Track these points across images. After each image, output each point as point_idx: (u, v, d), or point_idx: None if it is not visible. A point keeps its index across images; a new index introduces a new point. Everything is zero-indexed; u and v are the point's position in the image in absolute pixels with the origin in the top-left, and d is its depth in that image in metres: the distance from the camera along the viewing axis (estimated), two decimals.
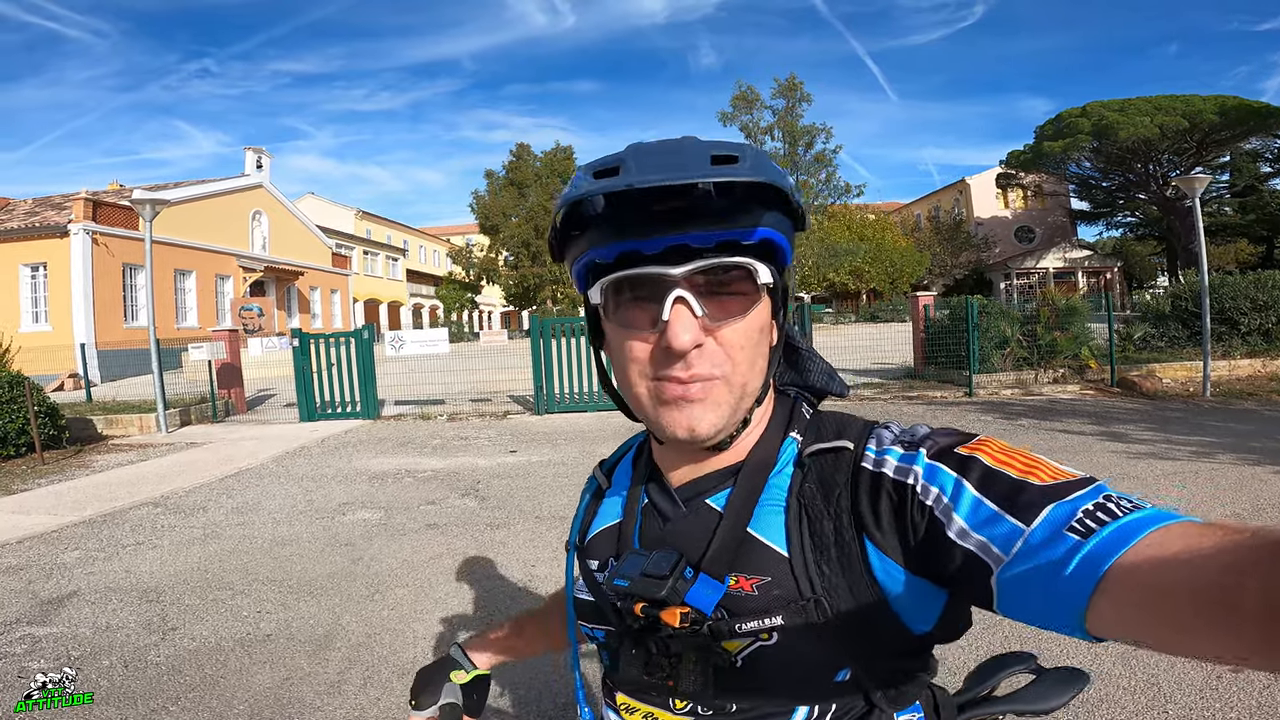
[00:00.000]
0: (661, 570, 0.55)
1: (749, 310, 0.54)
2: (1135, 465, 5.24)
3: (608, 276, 0.54)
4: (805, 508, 0.55)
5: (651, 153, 0.51)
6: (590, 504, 0.73)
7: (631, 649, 0.56)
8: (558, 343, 9.68)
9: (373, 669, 2.63)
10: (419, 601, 3.27)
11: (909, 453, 0.53)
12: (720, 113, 35.06)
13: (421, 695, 0.84)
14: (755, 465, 0.58)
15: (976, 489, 0.47)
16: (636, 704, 0.62)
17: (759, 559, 0.54)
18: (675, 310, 0.51)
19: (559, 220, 0.54)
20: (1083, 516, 0.40)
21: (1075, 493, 0.43)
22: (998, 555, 0.43)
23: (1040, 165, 30.68)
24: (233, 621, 3.11)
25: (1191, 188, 8.67)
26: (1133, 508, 0.41)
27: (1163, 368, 9.68)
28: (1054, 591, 0.39)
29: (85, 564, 4.02)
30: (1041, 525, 0.42)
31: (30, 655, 2.83)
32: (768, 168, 0.51)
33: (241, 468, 6.73)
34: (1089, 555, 0.38)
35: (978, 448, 0.50)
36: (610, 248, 0.52)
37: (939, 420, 7.71)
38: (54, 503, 5.53)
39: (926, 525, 0.48)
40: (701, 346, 0.53)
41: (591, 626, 0.64)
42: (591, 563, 0.66)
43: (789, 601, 0.52)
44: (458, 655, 0.88)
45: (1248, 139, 26.80)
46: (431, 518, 4.72)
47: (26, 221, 16.31)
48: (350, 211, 36.83)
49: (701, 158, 0.49)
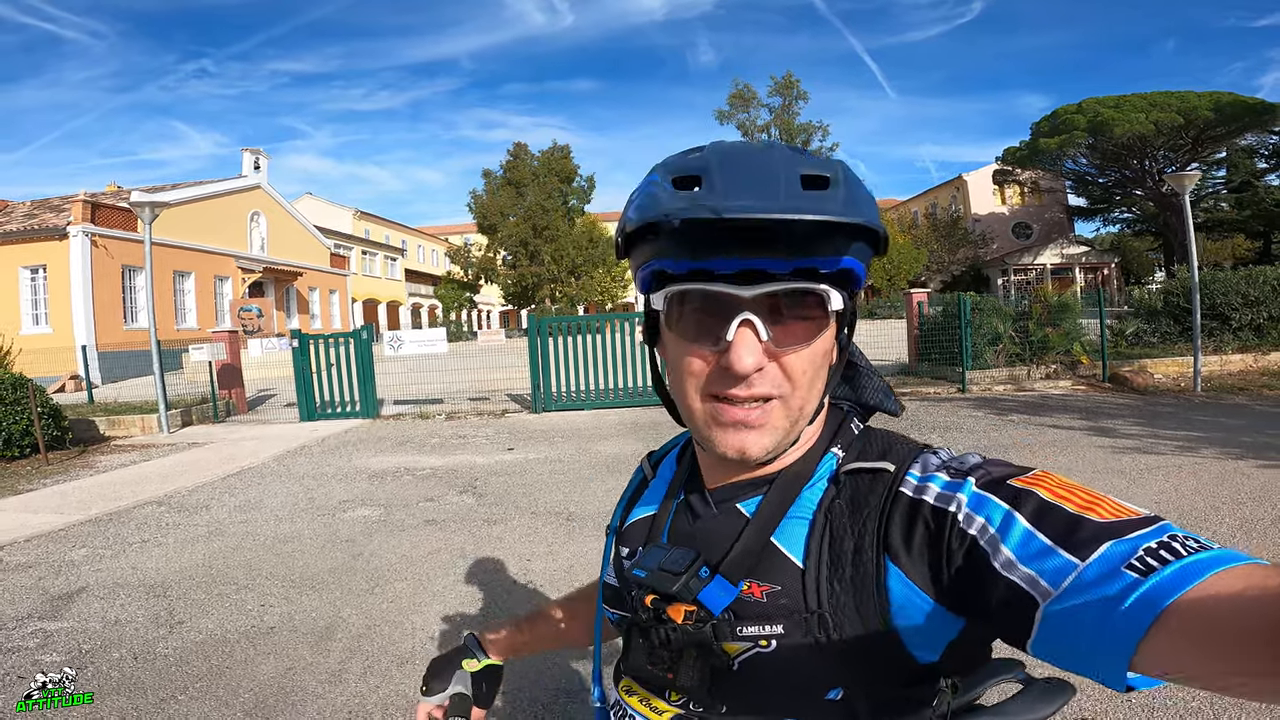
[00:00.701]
0: (678, 566, 0.56)
1: (816, 336, 0.53)
2: (1120, 460, 5.32)
3: (674, 287, 0.53)
4: (831, 524, 0.54)
5: (737, 165, 0.49)
6: (634, 493, 0.74)
7: (639, 638, 0.58)
8: (555, 341, 9.74)
9: (372, 659, 2.73)
10: (417, 595, 3.37)
11: (954, 480, 0.51)
12: (717, 111, 35.25)
13: (433, 682, 0.85)
14: (791, 476, 0.58)
15: (1029, 521, 0.44)
16: (638, 689, 0.64)
17: (775, 568, 0.54)
18: (740, 333, 0.50)
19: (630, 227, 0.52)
20: (1144, 555, 0.39)
21: (1136, 531, 0.41)
22: (1045, 589, 0.41)
23: (1037, 162, 30.72)
24: (237, 615, 3.21)
25: (1181, 184, 8.76)
26: (1199, 548, 0.39)
27: (1154, 363, 9.77)
28: (1105, 627, 0.37)
29: (93, 561, 4.12)
30: (1097, 561, 0.40)
31: (43, 649, 2.93)
32: (861, 200, 0.49)
33: (243, 467, 6.82)
34: (1147, 593, 0.36)
35: (1034, 482, 0.48)
36: (683, 263, 0.51)
37: (932, 415, 7.81)
38: (60, 502, 5.63)
39: (966, 554, 0.47)
40: (763, 369, 0.52)
41: (612, 611, 0.66)
42: (623, 549, 0.69)
43: (793, 612, 0.52)
44: (471, 644, 0.88)
45: (1243, 135, 26.81)
46: (430, 514, 4.82)
47: (25, 224, 16.36)
48: (348, 211, 36.86)
49: (792, 178, 0.47)
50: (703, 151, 0.51)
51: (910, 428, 7.19)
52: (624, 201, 0.56)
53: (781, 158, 0.49)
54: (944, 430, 6.96)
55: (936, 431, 6.91)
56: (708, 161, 0.49)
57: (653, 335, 0.60)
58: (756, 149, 0.51)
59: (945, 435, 6.70)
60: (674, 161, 0.52)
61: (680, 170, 0.50)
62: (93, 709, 2.42)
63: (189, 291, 19.64)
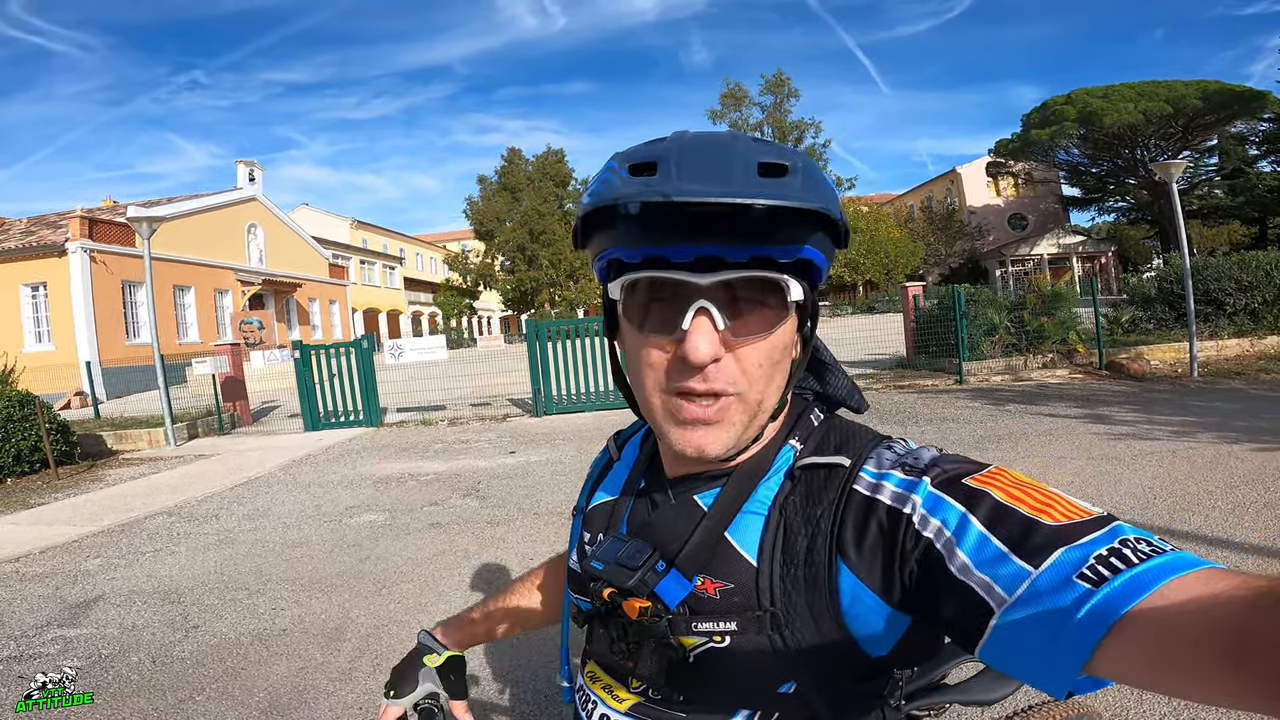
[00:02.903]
0: (634, 561, 0.56)
1: (775, 327, 0.52)
2: (1115, 446, 5.38)
3: (629, 275, 0.52)
4: (785, 520, 0.54)
5: (694, 152, 0.48)
6: (599, 474, 0.74)
7: (600, 628, 0.59)
8: (554, 345, 9.79)
9: (381, 658, 2.80)
10: (424, 595, 3.45)
11: (909, 479, 0.51)
12: (709, 110, 35.35)
13: (400, 685, 0.83)
14: (747, 470, 0.58)
15: (984, 525, 0.44)
16: (601, 675, 0.65)
17: (728, 565, 0.55)
18: (696, 321, 0.49)
19: (583, 212, 0.51)
20: (1095, 563, 0.39)
21: (1088, 535, 0.41)
22: (1001, 596, 0.41)
23: (1029, 153, 30.77)
24: (250, 618, 3.29)
25: (1169, 173, 8.83)
26: (1151, 553, 0.38)
27: (1150, 350, 9.81)
28: (1057, 639, 0.38)
29: (107, 570, 4.20)
30: (1049, 570, 0.40)
31: (63, 655, 3.01)
32: (819, 188, 0.48)
33: (251, 476, 6.90)
34: (1098, 606, 0.36)
35: (988, 480, 0.48)
36: (637, 250, 0.50)
37: (930, 407, 7.87)
38: (72, 514, 5.71)
39: (921, 557, 0.46)
40: (720, 360, 0.51)
41: (577, 597, 0.66)
42: (586, 534, 0.68)
43: (745, 610, 0.53)
44: (427, 640, 0.87)
45: (1232, 122, 26.87)
46: (434, 518, 4.89)
47: (23, 241, 16.42)
48: (345, 221, 36.97)
49: (748, 165, 0.47)
50: (664, 141, 0.51)
51: (908, 420, 7.27)
52: None
53: (741, 146, 0.48)
54: (941, 422, 7.03)
55: (934, 423, 6.98)
56: (666, 149, 0.49)
57: (613, 327, 0.59)
58: (717, 138, 0.50)
59: (942, 427, 6.76)
60: (632, 150, 0.51)
61: (637, 158, 0.49)
62: (114, 710, 2.50)
63: (189, 305, 19.73)
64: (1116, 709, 2.08)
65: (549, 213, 31.91)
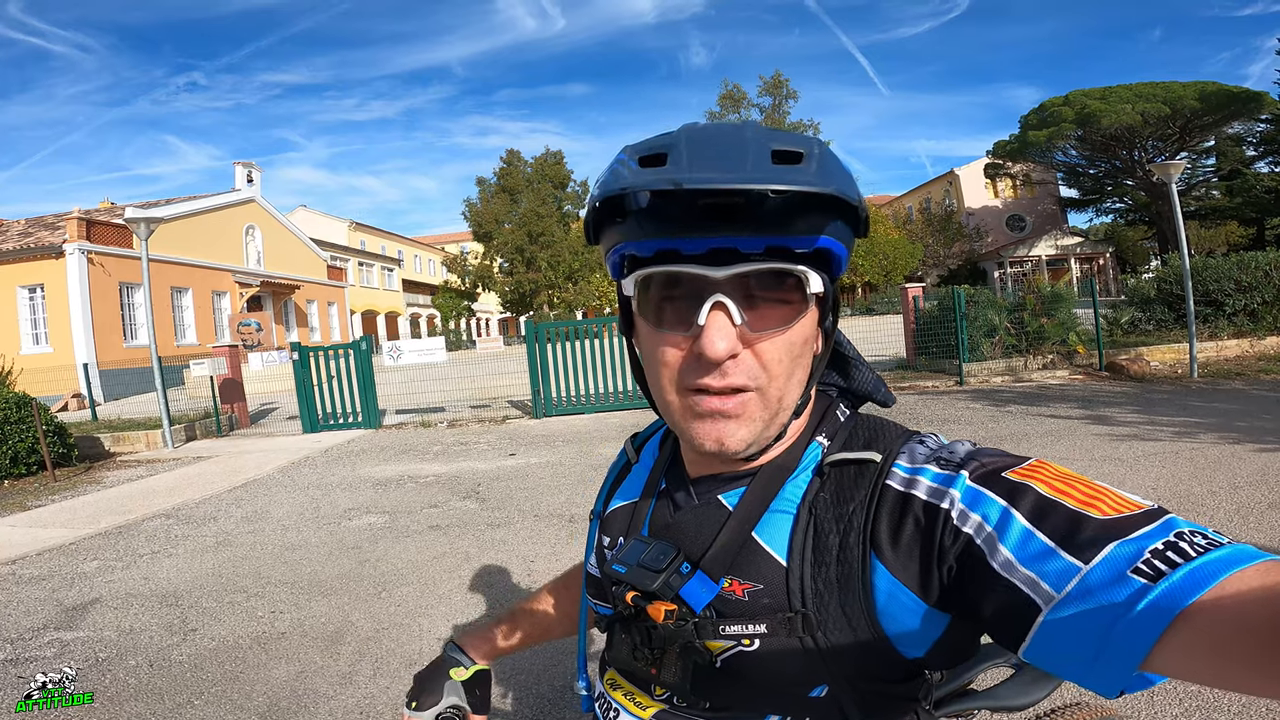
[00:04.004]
0: (658, 564, 0.54)
1: (794, 321, 0.50)
2: (1117, 447, 5.37)
3: (642, 270, 0.50)
4: (815, 518, 0.52)
5: (706, 141, 0.46)
6: (616, 477, 0.72)
7: (621, 633, 0.57)
8: (554, 347, 9.78)
9: (381, 661, 2.78)
10: (424, 598, 3.42)
11: (946, 473, 0.49)
12: (708, 112, 35.35)
13: (423, 696, 0.80)
14: (774, 467, 0.56)
15: (1027, 519, 0.42)
16: (623, 682, 0.63)
17: (757, 565, 0.53)
18: (712, 316, 0.48)
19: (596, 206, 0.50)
20: (1150, 558, 0.37)
21: (1141, 528, 0.39)
22: (1048, 593, 0.39)
23: (1026, 154, 30.83)
24: (249, 621, 3.26)
25: (1167, 174, 8.83)
26: (1208, 546, 0.37)
27: (1150, 351, 9.82)
28: (1110, 636, 0.36)
29: (105, 573, 4.17)
30: (1101, 565, 0.38)
31: (60, 658, 2.98)
32: (835, 173, 0.46)
33: (249, 479, 6.87)
34: (1156, 600, 0.35)
35: (1030, 473, 0.46)
36: (648, 243, 0.48)
37: (930, 409, 7.86)
38: (69, 517, 5.68)
39: (961, 553, 0.45)
40: (737, 356, 0.49)
41: (596, 602, 0.65)
42: (605, 538, 0.66)
43: (776, 611, 0.51)
44: (454, 653, 0.85)
45: (1229, 124, 26.94)
46: (434, 520, 4.87)
47: (21, 243, 16.36)
48: (343, 223, 36.92)
49: (761, 153, 0.45)
50: (674, 132, 0.49)
51: (909, 421, 7.24)
52: None
53: (754, 134, 0.47)
54: (942, 423, 7.01)
55: (934, 425, 6.95)
56: (676, 139, 0.47)
57: (628, 325, 0.57)
58: (729, 127, 0.48)
59: (943, 428, 6.74)
60: (642, 142, 0.50)
61: (647, 149, 0.48)
62: (111, 715, 2.47)
63: (187, 307, 19.67)
64: (1129, 711, 2.06)
65: (548, 214, 31.90)
